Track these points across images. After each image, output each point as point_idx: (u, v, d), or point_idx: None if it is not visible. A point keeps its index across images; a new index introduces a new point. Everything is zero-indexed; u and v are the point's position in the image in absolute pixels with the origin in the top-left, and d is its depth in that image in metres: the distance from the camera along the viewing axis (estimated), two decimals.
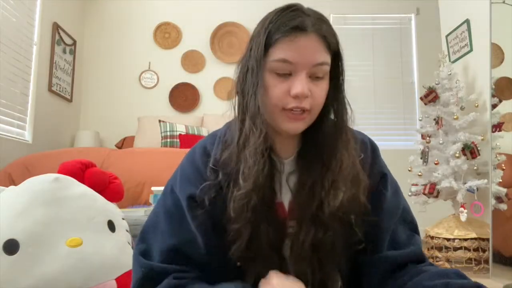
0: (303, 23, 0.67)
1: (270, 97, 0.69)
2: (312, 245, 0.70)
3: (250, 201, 0.68)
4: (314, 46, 0.68)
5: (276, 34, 0.68)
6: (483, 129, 2.48)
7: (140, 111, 3.69)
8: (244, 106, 0.72)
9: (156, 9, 3.96)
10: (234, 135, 0.73)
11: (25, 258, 0.98)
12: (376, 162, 0.80)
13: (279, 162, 0.74)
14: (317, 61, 0.68)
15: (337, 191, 0.70)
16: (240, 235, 0.69)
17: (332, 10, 3.95)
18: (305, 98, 0.68)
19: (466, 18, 2.75)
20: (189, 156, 0.80)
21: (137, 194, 2.06)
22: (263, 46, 0.68)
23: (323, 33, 0.69)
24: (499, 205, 2.28)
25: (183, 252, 0.71)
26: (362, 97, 3.87)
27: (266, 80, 0.69)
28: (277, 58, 0.67)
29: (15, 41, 2.79)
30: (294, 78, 0.68)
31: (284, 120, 0.70)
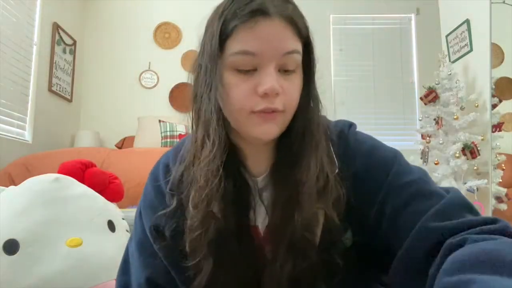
0: (264, 5, 0.53)
1: (233, 99, 0.56)
2: (290, 278, 0.58)
3: (207, 232, 0.57)
4: (280, 32, 0.54)
5: (232, 21, 0.54)
6: (483, 129, 2.48)
7: (140, 111, 3.69)
8: (197, 114, 0.60)
9: (156, 9, 3.96)
10: (188, 149, 0.62)
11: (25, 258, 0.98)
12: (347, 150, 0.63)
13: (251, 180, 0.63)
14: (286, 50, 0.54)
15: (303, 208, 0.57)
16: (198, 273, 0.59)
17: (332, 10, 3.95)
18: (277, 96, 0.55)
19: (466, 18, 2.75)
20: (152, 175, 0.70)
21: (137, 194, 2.05)
22: (217, 38, 0.55)
23: (290, 16, 0.56)
24: (499, 205, 2.28)
25: (158, 284, 0.65)
26: (362, 97, 3.88)
27: (227, 79, 0.56)
28: (237, 50, 0.54)
29: (15, 41, 2.79)
30: (261, 73, 0.54)
31: (253, 124, 0.56)
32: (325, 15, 3.94)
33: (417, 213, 0.53)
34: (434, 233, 0.50)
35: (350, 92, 3.89)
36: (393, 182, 0.58)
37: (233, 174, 0.60)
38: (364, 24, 4.01)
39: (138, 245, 0.69)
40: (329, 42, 3.92)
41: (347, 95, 3.88)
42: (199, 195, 0.57)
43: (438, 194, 0.56)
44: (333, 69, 3.90)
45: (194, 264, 0.59)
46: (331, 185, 0.58)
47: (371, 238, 0.59)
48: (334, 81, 3.88)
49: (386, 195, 0.58)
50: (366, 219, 0.59)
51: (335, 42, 3.94)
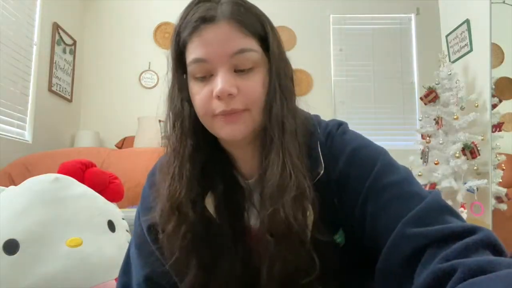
0: (210, 12, 0.56)
1: (197, 106, 0.59)
2: (283, 275, 0.58)
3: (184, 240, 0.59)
4: (226, 34, 0.56)
5: (183, 33, 0.58)
6: (483, 129, 2.48)
7: (140, 111, 3.68)
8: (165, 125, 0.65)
9: (156, 9, 3.96)
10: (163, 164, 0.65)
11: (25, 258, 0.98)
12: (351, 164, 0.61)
13: (244, 182, 0.65)
14: (233, 50, 0.56)
15: (274, 209, 0.56)
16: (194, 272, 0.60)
17: (332, 10, 3.95)
18: (233, 98, 0.56)
19: (466, 18, 2.75)
20: (149, 179, 0.73)
21: (137, 194, 2.06)
22: (174, 51, 0.60)
23: (238, 17, 0.56)
24: (499, 205, 2.28)
25: (157, 283, 0.66)
26: (362, 97, 3.88)
27: (190, 88, 0.60)
28: (190, 59, 0.57)
29: (15, 41, 2.79)
30: (215, 78, 0.57)
31: (218, 126, 0.58)
32: (325, 15, 3.94)
33: (395, 216, 0.52)
34: (410, 241, 0.48)
35: (350, 92, 3.89)
36: (374, 182, 0.57)
37: (226, 177, 0.63)
38: (364, 24, 4.01)
39: (137, 246, 0.70)
40: (329, 42, 3.92)
41: (347, 95, 3.88)
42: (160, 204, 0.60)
43: (419, 196, 0.54)
44: (333, 69, 3.90)
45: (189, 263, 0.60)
46: (303, 186, 0.56)
47: (360, 238, 0.59)
48: (334, 81, 3.88)
49: (367, 196, 0.57)
50: (352, 220, 0.59)
51: (335, 42, 3.94)
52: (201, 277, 0.60)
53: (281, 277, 0.58)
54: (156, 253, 0.66)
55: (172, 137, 0.62)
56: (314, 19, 3.89)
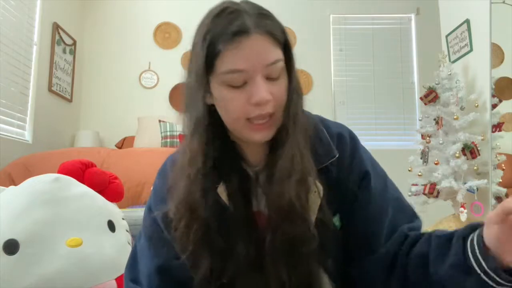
0: (244, 26, 0.60)
1: (230, 111, 0.64)
2: (282, 245, 0.65)
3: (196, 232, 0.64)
4: (261, 46, 0.61)
5: (217, 44, 0.61)
6: (483, 129, 2.48)
7: (140, 111, 3.69)
8: (184, 126, 0.69)
9: (156, 9, 3.96)
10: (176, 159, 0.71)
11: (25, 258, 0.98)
12: (355, 158, 0.73)
13: (251, 170, 0.71)
14: (268, 61, 0.62)
15: (282, 191, 0.64)
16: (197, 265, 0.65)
17: (332, 10, 3.95)
18: (268, 103, 0.62)
19: (466, 18, 2.75)
20: (161, 173, 0.78)
21: (137, 194, 2.06)
22: (204, 60, 0.62)
23: (268, 30, 0.62)
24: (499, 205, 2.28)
25: (170, 274, 0.70)
26: (362, 97, 3.88)
27: (221, 94, 0.64)
28: (227, 70, 0.61)
29: (15, 41, 2.79)
30: (251, 85, 0.62)
31: (250, 131, 0.65)
32: (325, 15, 3.94)
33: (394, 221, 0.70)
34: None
35: (350, 92, 3.89)
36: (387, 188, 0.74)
37: (236, 167, 0.69)
38: (364, 24, 4.01)
39: (148, 239, 0.73)
40: (329, 42, 3.92)
41: (347, 95, 3.89)
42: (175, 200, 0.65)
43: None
44: (333, 69, 3.90)
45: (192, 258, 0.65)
46: (306, 167, 0.65)
47: (354, 220, 0.71)
48: (334, 81, 3.88)
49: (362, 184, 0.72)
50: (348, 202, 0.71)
51: (335, 42, 3.94)
52: (217, 265, 0.65)
53: (282, 245, 0.64)
54: (170, 244, 0.69)
55: (189, 135, 0.67)
56: (314, 19, 3.89)
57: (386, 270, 0.67)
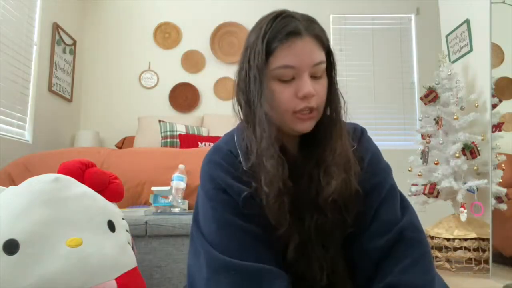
0: (297, 28, 0.70)
1: (279, 102, 0.72)
2: (315, 230, 0.74)
3: (283, 204, 0.71)
4: (310, 48, 0.71)
5: (273, 42, 0.70)
6: (483, 129, 2.48)
7: (140, 111, 3.69)
8: (252, 115, 0.75)
9: (156, 9, 3.96)
10: (250, 144, 0.76)
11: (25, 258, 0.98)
12: (358, 144, 0.82)
13: (294, 156, 0.80)
14: (315, 61, 0.71)
15: (330, 177, 0.73)
16: (289, 238, 0.73)
17: (332, 10, 3.96)
18: (312, 97, 0.72)
19: (466, 18, 2.75)
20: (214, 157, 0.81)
21: (137, 194, 2.06)
22: (263, 55, 0.71)
23: (316, 34, 0.73)
24: (499, 205, 2.28)
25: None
26: (362, 97, 3.88)
27: (272, 87, 0.72)
28: (279, 65, 0.70)
29: (15, 41, 2.79)
30: (298, 81, 0.71)
31: (296, 122, 0.73)
32: (325, 15, 3.94)
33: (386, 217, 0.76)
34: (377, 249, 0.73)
35: (350, 92, 3.89)
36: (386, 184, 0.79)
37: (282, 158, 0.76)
38: (364, 24, 4.01)
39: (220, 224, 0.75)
40: None
41: (347, 95, 3.88)
42: (270, 178, 0.71)
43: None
44: None
45: (282, 235, 0.72)
46: (352, 163, 0.75)
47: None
48: None
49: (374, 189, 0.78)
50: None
51: (335, 42, 3.95)
52: (290, 230, 0.73)
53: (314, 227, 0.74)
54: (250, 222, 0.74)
55: (254, 125, 0.74)
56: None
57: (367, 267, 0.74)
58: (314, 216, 0.74)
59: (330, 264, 0.75)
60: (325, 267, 0.74)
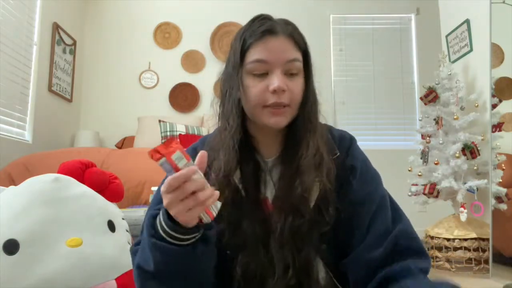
0: (272, 27, 0.75)
1: (250, 96, 0.75)
2: (290, 232, 0.74)
3: (224, 197, 0.71)
4: (284, 45, 0.74)
5: (249, 39, 0.75)
6: (483, 129, 2.48)
7: (140, 111, 3.69)
8: (222, 108, 0.79)
9: (156, 9, 3.96)
10: (213, 136, 0.81)
11: (25, 258, 0.98)
12: (348, 154, 0.81)
13: (262, 161, 0.81)
14: (288, 58, 0.74)
15: (302, 177, 0.74)
16: (224, 231, 0.74)
17: (332, 10, 3.96)
18: (283, 93, 0.73)
19: (466, 18, 2.75)
20: (200, 144, 0.86)
21: (137, 194, 2.06)
22: (239, 52, 0.75)
23: (291, 34, 0.76)
24: (499, 205, 2.28)
25: None
26: (362, 97, 3.88)
27: (246, 82, 0.75)
28: (253, 59, 0.74)
29: (15, 41, 2.79)
30: (271, 76, 0.74)
31: (267, 116, 0.75)
32: (325, 15, 3.94)
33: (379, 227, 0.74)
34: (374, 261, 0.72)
35: (350, 92, 3.90)
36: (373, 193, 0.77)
37: (249, 157, 0.79)
38: (364, 24, 4.01)
39: (156, 203, 0.77)
40: (329, 42, 3.93)
41: (347, 95, 3.89)
42: (218, 165, 0.74)
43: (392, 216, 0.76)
44: (333, 69, 3.91)
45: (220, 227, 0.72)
46: (325, 161, 0.75)
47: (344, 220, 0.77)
48: (334, 81, 3.89)
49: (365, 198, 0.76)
50: (343, 204, 0.76)
51: (335, 42, 3.95)
52: (229, 232, 0.74)
53: (288, 229, 0.73)
54: None
55: (227, 118, 0.77)
56: (314, 19, 3.89)
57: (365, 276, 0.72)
58: (289, 219, 0.74)
59: (301, 263, 0.74)
60: (291, 266, 0.74)
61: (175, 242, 0.63)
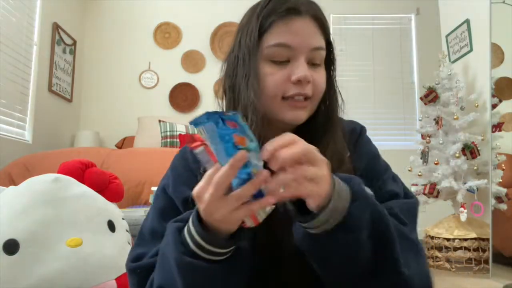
0: (297, 5, 0.63)
1: (268, 86, 0.63)
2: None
3: None
4: (310, 29, 0.64)
5: (270, 17, 0.63)
6: (483, 129, 2.48)
7: (140, 111, 3.69)
8: (235, 101, 0.67)
9: (156, 9, 3.96)
10: None
11: (25, 258, 0.98)
12: (357, 147, 0.72)
13: None
14: (315, 45, 0.63)
15: None
16: None
17: (332, 10, 3.95)
18: (307, 84, 0.63)
19: (466, 18, 2.75)
20: (181, 157, 0.75)
21: (137, 194, 2.06)
22: (256, 33, 0.63)
23: (318, 16, 0.65)
24: (499, 205, 2.28)
25: None
26: (362, 97, 3.88)
27: (262, 69, 0.64)
28: (274, 42, 0.62)
29: (15, 41, 2.79)
30: (293, 64, 0.63)
31: (285, 109, 0.64)
32: (325, 15, 3.94)
33: None
34: None
35: (350, 92, 3.89)
36: (381, 186, 0.68)
37: None
38: (364, 24, 4.01)
39: (159, 217, 0.67)
40: None
41: (347, 95, 3.86)
42: None
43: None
44: None
45: None
46: (345, 165, 0.66)
47: None
48: None
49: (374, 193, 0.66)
50: None
51: (335, 42, 3.94)
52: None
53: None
54: None
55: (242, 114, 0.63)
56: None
57: None
58: None
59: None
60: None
61: (211, 258, 0.52)
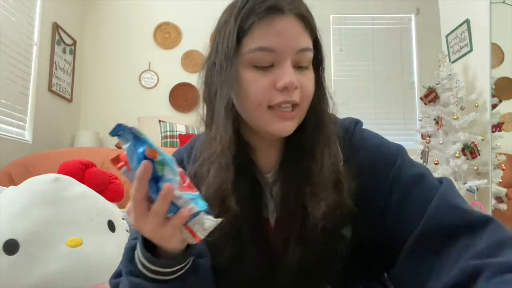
0: (278, 3, 0.55)
1: (251, 95, 0.57)
2: (299, 266, 0.58)
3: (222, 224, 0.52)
4: (295, 29, 0.56)
5: (249, 18, 0.55)
6: (483, 129, 2.48)
7: (140, 111, 3.69)
8: (210, 112, 0.61)
9: (156, 9, 3.96)
10: (201, 149, 0.63)
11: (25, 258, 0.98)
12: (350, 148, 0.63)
13: (261, 177, 0.63)
14: (301, 47, 0.56)
15: (319, 200, 0.57)
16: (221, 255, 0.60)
17: (332, 10, 3.95)
18: (294, 90, 0.56)
19: (466, 18, 2.75)
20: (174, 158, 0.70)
21: None
22: (234, 37, 0.56)
23: (303, 14, 0.57)
24: (499, 205, 2.28)
25: None
26: (362, 97, 3.88)
27: (244, 75, 0.57)
28: (255, 47, 0.55)
29: (15, 41, 2.78)
30: (278, 69, 0.56)
31: (272, 120, 0.57)
32: (325, 15, 3.94)
33: (422, 199, 0.55)
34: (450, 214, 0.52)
35: (350, 92, 3.89)
36: (396, 175, 0.60)
37: (245, 171, 0.61)
38: (364, 24, 4.01)
39: None
40: (329, 42, 3.92)
41: (347, 95, 3.88)
42: (209, 192, 0.57)
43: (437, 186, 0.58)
44: (333, 69, 3.90)
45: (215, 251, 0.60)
46: (343, 175, 0.59)
47: (373, 231, 0.59)
48: (334, 81, 3.88)
49: (390, 188, 0.59)
50: (369, 212, 0.59)
51: (335, 42, 3.94)
52: (231, 264, 0.60)
53: (296, 266, 0.59)
54: None
55: (215, 125, 0.60)
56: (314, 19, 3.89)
57: None
58: (298, 251, 0.58)
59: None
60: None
61: (158, 277, 0.51)
